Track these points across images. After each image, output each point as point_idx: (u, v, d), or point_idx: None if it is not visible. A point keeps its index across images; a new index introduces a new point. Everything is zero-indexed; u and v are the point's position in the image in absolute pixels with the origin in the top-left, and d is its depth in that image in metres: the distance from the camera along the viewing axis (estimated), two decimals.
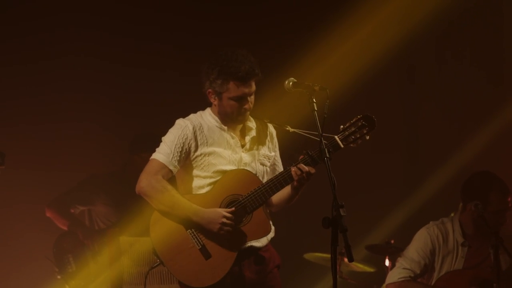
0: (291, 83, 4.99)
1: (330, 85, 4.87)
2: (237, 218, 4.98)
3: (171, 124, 5.17)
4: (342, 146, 5.00)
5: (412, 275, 6.30)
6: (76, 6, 8.15)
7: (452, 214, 6.55)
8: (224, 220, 4.93)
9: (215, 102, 5.13)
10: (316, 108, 4.82)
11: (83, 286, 7.27)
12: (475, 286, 6.15)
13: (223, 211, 4.96)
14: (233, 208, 4.98)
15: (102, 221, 7.45)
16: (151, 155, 7.37)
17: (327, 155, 4.73)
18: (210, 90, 5.11)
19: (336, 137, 5.00)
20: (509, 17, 8.58)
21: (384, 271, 7.43)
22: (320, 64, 8.53)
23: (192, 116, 5.20)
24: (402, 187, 8.97)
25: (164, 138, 5.14)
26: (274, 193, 5.01)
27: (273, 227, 5.21)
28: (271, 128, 5.32)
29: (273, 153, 5.29)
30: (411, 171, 9.07)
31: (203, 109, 5.24)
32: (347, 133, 5.01)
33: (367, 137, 5.05)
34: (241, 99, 5.06)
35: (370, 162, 8.39)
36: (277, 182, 4.99)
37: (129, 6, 8.32)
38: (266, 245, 5.19)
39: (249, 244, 5.05)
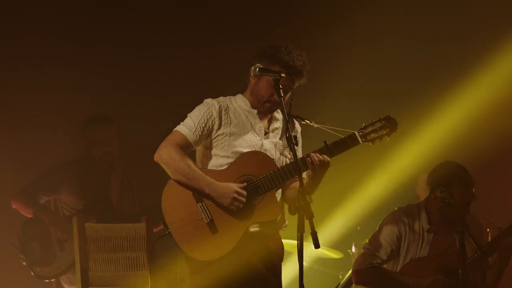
0: (257, 69, 5.01)
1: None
2: (248, 197, 5.03)
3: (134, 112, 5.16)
4: (361, 141, 5.11)
5: (379, 261, 6.32)
6: None
7: (420, 201, 6.58)
8: (236, 195, 4.99)
9: (253, 81, 5.21)
10: (282, 95, 4.85)
11: (48, 273, 7.24)
12: (440, 274, 6.19)
13: (236, 186, 5.01)
14: (245, 183, 5.04)
15: (67, 209, 7.41)
16: (95, 132, 7.46)
17: (293, 141, 4.75)
18: (259, 65, 5.13)
19: (356, 132, 5.10)
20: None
21: (351, 257, 7.46)
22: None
23: (221, 98, 5.30)
24: (368, 174, 9.00)
25: (189, 114, 5.22)
26: (288, 178, 5.06)
27: (287, 222, 5.27)
28: (296, 125, 5.39)
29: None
30: (377, 157, 9.10)
31: (173, 101, 5.28)
32: (366, 131, 5.12)
33: (387, 138, 5.15)
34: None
35: None
36: (292, 169, 5.05)
37: None
38: (276, 234, 5.26)
39: (259, 228, 5.10)
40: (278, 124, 5.31)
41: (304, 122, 5.21)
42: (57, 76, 8.17)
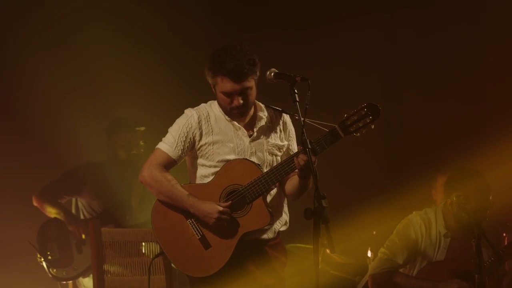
0: (272, 74, 4.96)
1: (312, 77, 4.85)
2: (236, 208, 4.98)
3: (161, 113, 5.13)
4: (342, 136, 4.93)
5: (395, 265, 6.31)
6: None
7: (438, 205, 6.56)
8: (219, 215, 4.93)
9: (215, 93, 5.14)
10: (298, 99, 4.80)
11: (65, 275, 7.27)
12: (457, 278, 6.17)
13: (219, 206, 4.95)
14: (230, 202, 4.97)
15: (87, 211, 7.43)
16: (123, 135, 7.47)
17: (309, 146, 4.71)
18: (209, 82, 5.12)
19: (336, 126, 4.93)
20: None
21: (367, 262, 7.44)
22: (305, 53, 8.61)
23: (201, 105, 5.21)
24: (384, 177, 8.99)
25: (170, 128, 5.15)
26: (274, 183, 4.99)
27: (287, 219, 5.22)
28: (285, 118, 5.26)
29: (285, 142, 5.23)
30: (393, 161, 9.08)
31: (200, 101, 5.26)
32: (349, 122, 4.92)
33: (372, 126, 4.95)
34: (230, 95, 5.03)
35: (352, 153, 8.41)
36: (276, 172, 4.97)
37: None
38: (275, 239, 5.17)
39: (253, 236, 5.04)
40: (262, 122, 5.18)
41: (295, 116, 5.14)
42: (83, 77, 8.22)
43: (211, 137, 5.10)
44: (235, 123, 5.13)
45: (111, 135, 7.53)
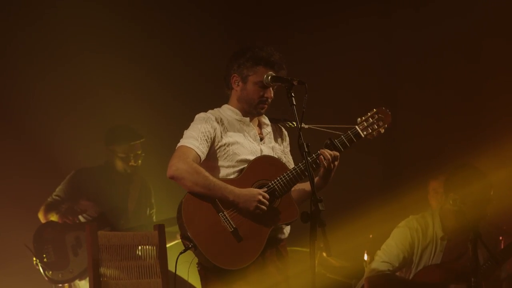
0: (269, 78, 5.02)
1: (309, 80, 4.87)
2: (268, 201, 4.99)
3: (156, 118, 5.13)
4: (363, 135, 5.06)
5: (391, 268, 6.32)
6: None
7: (435, 209, 6.57)
8: (261, 198, 4.94)
9: (238, 88, 5.17)
10: (294, 103, 4.83)
11: (61, 277, 7.26)
12: (453, 281, 6.18)
13: (259, 190, 4.97)
14: (265, 188, 4.99)
15: (83, 216, 7.44)
16: (122, 147, 7.48)
17: (306, 149, 4.74)
18: (235, 74, 5.15)
19: (357, 126, 5.06)
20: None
21: (363, 265, 7.45)
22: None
23: (210, 110, 5.24)
24: (381, 180, 9.00)
25: (187, 130, 5.15)
26: (301, 178, 5.03)
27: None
28: (284, 131, 5.38)
29: (286, 150, 5.34)
30: (390, 164, 9.09)
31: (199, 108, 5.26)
32: (366, 124, 5.07)
33: (382, 131, 5.10)
34: (266, 87, 5.09)
35: (347, 155, 8.41)
36: (304, 169, 4.98)
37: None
38: (284, 241, 5.23)
39: (275, 233, 5.08)
40: (269, 129, 5.28)
41: (292, 125, 5.20)
42: (81, 83, 8.24)
43: (227, 138, 5.13)
44: (251, 125, 5.20)
45: (110, 144, 7.52)
